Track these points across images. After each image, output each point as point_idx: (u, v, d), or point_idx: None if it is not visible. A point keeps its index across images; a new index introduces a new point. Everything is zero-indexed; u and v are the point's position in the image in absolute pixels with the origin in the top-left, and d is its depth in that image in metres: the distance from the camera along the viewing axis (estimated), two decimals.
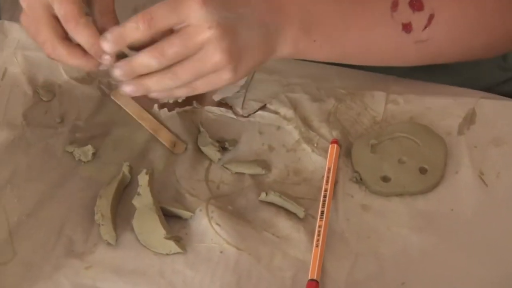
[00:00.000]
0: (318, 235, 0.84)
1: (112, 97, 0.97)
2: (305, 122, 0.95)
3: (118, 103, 0.96)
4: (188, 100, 0.96)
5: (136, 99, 0.96)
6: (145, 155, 0.92)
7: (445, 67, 1.07)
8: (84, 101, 0.96)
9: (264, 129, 0.96)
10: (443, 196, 0.89)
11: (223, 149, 0.93)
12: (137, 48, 0.81)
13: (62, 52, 0.83)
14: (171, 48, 0.80)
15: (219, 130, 0.95)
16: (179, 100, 0.95)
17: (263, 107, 0.97)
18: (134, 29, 0.80)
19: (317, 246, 0.83)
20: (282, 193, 0.88)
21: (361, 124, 0.95)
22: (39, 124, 0.94)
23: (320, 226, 0.85)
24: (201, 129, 0.94)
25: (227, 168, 0.92)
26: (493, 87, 1.14)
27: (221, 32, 0.80)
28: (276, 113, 0.96)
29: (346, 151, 0.93)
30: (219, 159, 0.92)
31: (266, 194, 0.88)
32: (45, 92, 0.96)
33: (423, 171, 0.90)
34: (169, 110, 0.96)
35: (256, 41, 0.84)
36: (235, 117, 0.97)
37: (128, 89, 0.83)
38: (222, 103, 0.97)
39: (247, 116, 0.97)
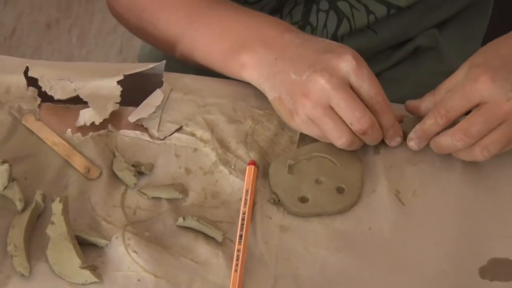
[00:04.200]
0: (237, 259, 0.83)
1: (24, 123, 0.95)
2: (222, 143, 0.94)
3: (30, 128, 0.94)
4: (103, 124, 0.95)
5: (48, 124, 0.94)
6: (59, 181, 0.90)
7: (388, 79, 1.10)
8: None
9: (181, 151, 0.94)
10: (361, 216, 0.89)
11: (139, 173, 0.92)
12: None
13: (358, 140, 0.90)
14: (475, 127, 0.87)
15: (134, 154, 0.94)
16: None
17: (179, 129, 0.96)
18: (434, 125, 0.89)
19: (236, 271, 0.83)
20: (200, 217, 0.87)
21: (278, 145, 0.95)
22: None
23: (238, 251, 0.84)
24: (116, 153, 0.93)
25: (143, 193, 0.90)
26: None
27: None
28: (193, 135, 0.95)
29: (263, 172, 0.92)
30: (135, 184, 0.91)
31: (184, 219, 0.87)
32: None
33: (340, 190, 0.90)
34: (83, 135, 0.94)
35: None
36: (150, 140, 0.95)
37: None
38: (137, 125, 0.96)
39: (163, 139, 0.95)
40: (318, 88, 0.87)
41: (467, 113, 0.89)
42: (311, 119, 0.89)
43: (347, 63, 0.88)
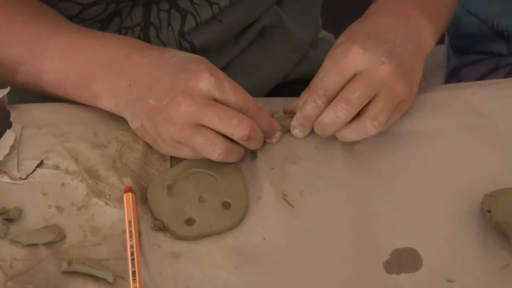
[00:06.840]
0: None
1: None
2: (91, 173, 0.88)
3: None
4: None
5: None
6: None
7: (240, 65, 1.10)
8: None
9: (48, 188, 0.87)
10: (253, 227, 0.85)
11: (7, 221, 0.84)
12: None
13: (235, 148, 0.86)
14: (354, 94, 0.85)
15: None
16: None
17: (40, 164, 0.89)
18: (315, 108, 0.87)
19: None
20: (84, 258, 0.81)
21: (150, 165, 0.89)
22: None
23: None
24: None
25: (16, 242, 0.83)
26: (291, 73, 1.18)
27: (393, 63, 0.86)
28: (57, 167, 0.89)
29: (142, 198, 0.87)
30: (6, 234, 0.83)
31: (68, 264, 0.80)
32: None
33: (226, 206, 0.86)
34: None
35: (415, 56, 0.91)
36: (12, 181, 0.87)
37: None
38: None
39: (26, 178, 0.88)
40: (182, 112, 0.83)
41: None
42: (178, 141, 0.85)
43: (205, 82, 0.84)
